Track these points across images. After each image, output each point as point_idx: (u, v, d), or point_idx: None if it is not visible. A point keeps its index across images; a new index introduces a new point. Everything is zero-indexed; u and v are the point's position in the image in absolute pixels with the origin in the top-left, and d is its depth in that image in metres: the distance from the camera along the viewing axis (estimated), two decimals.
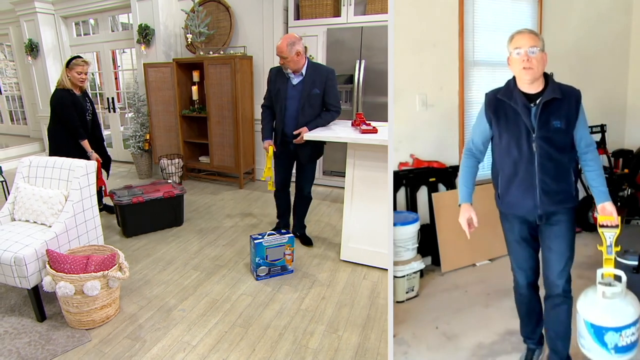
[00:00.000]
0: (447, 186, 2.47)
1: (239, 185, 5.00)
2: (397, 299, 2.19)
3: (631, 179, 2.24)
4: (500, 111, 1.53)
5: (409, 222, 2.19)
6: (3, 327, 2.26)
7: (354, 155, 2.84)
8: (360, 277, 2.82)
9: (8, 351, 2.06)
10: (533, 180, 1.49)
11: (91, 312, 2.22)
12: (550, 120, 1.46)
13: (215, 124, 4.96)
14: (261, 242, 2.72)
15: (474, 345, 1.87)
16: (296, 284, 2.75)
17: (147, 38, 5.22)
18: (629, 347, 1.50)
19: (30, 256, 2.17)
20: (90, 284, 2.11)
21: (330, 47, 4.56)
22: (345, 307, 2.48)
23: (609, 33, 2.36)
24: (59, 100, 3.44)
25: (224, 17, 5.03)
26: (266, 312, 2.43)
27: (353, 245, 2.96)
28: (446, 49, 2.34)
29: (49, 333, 2.21)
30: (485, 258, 2.51)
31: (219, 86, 4.77)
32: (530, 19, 2.36)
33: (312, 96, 2.96)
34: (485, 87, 2.41)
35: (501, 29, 2.40)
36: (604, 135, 2.25)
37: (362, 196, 2.85)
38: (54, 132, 3.54)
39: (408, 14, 2.21)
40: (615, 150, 2.33)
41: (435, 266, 2.45)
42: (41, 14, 6.07)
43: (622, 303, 1.47)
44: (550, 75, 1.52)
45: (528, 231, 1.58)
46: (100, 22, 6.16)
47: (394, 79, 2.18)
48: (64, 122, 3.45)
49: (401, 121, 2.30)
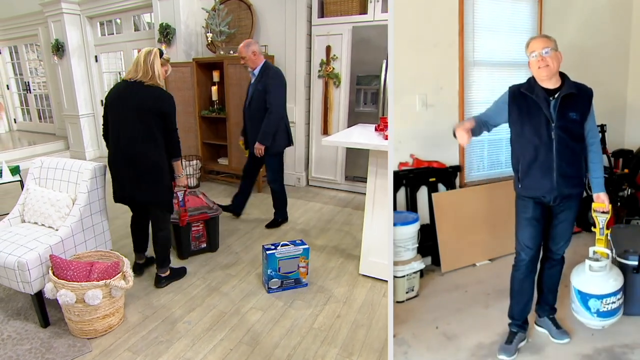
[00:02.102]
0: (447, 186, 2.48)
1: (257, 188, 4.78)
2: (397, 299, 2.21)
3: (631, 179, 2.23)
4: (523, 103, 1.72)
5: (409, 222, 2.20)
6: (7, 332, 2.22)
7: (376, 163, 2.57)
8: (379, 295, 2.56)
9: (8, 357, 2.02)
10: (551, 164, 1.69)
11: (93, 321, 2.14)
12: (568, 111, 1.67)
13: (235, 125, 4.71)
14: (274, 253, 2.53)
15: (474, 346, 1.88)
16: (310, 299, 2.55)
17: (167, 37, 5.14)
18: (610, 313, 1.81)
19: (34, 261, 2.12)
20: (91, 292, 2.04)
21: (356, 46, 4.31)
22: (362, 327, 2.26)
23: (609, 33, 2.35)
24: (174, 103, 2.47)
25: (245, 16, 4.86)
26: (275, 329, 2.27)
27: (373, 259, 2.70)
28: (446, 49, 2.34)
29: (50, 341, 2.15)
30: (485, 258, 2.51)
31: (239, 86, 4.57)
32: (530, 19, 2.36)
33: (257, 92, 3.27)
34: (485, 87, 2.43)
35: (501, 29, 2.40)
36: (604, 135, 2.24)
37: (384, 206, 2.57)
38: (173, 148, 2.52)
39: (408, 14, 2.21)
40: (615, 150, 2.32)
41: (435, 266, 2.46)
42: (67, 14, 6.15)
43: (605, 276, 1.80)
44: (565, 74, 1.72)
45: (541, 212, 1.77)
46: (124, 22, 6.12)
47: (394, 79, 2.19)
48: (175, 131, 2.48)
49: (401, 121, 2.31)
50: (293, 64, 4.63)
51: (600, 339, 1.85)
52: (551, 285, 1.90)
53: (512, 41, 2.37)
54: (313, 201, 4.39)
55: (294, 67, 4.64)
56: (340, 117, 4.55)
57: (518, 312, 1.86)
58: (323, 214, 4.04)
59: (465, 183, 2.52)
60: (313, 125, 4.77)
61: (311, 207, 4.25)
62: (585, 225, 2.24)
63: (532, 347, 1.85)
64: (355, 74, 4.36)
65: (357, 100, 4.43)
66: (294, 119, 4.78)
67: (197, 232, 3.03)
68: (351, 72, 4.38)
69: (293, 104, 4.72)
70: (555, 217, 1.78)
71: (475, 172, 2.55)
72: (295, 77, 4.66)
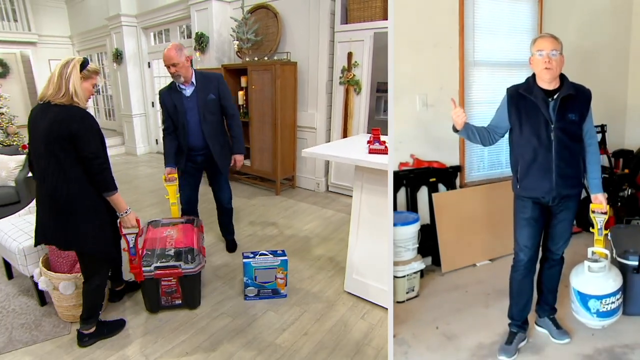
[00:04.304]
0: (448, 186, 2.47)
1: (276, 191, 4.89)
2: (397, 299, 2.20)
3: (631, 179, 2.24)
4: (522, 105, 1.72)
5: (409, 222, 2.20)
6: (12, 305, 2.54)
7: (362, 177, 2.39)
8: (358, 316, 2.39)
9: (5, 329, 2.31)
10: (550, 165, 1.69)
11: (70, 308, 2.27)
12: (567, 113, 1.68)
13: (257, 130, 4.87)
14: (250, 262, 2.47)
15: (474, 346, 1.88)
16: (284, 311, 2.45)
17: (201, 45, 5.43)
18: (610, 313, 1.83)
19: (30, 248, 2.37)
20: (63, 284, 2.18)
21: (377, 53, 4.23)
22: (324, 350, 2.12)
23: (609, 33, 2.36)
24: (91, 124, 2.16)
25: (272, 24, 4.94)
26: (237, 338, 2.22)
27: (357, 277, 2.56)
28: (446, 49, 2.34)
29: (42, 319, 2.39)
30: (486, 258, 2.51)
31: (261, 92, 4.68)
32: (530, 20, 2.36)
33: (209, 103, 2.81)
34: (485, 87, 2.43)
35: (501, 30, 2.41)
36: (604, 135, 2.24)
37: (369, 225, 2.41)
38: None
39: (409, 14, 2.21)
40: (615, 151, 2.33)
41: (436, 266, 2.46)
42: (126, 26, 7.06)
43: (605, 277, 1.81)
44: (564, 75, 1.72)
45: (539, 212, 1.78)
46: (171, 31, 6.77)
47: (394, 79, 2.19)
48: (94, 159, 2.20)
49: (401, 121, 2.31)
50: (315, 71, 4.64)
51: (600, 339, 1.85)
52: (551, 285, 1.91)
53: (512, 41, 2.38)
54: (327, 208, 4.38)
55: (317, 73, 4.66)
56: (360, 124, 4.50)
57: (517, 312, 1.86)
58: (332, 222, 3.96)
59: (465, 183, 2.52)
60: (334, 132, 4.75)
61: (322, 214, 4.19)
62: (586, 225, 2.25)
63: (532, 347, 1.85)
64: (376, 81, 4.30)
65: (377, 108, 4.35)
66: (315, 125, 4.81)
67: (169, 287, 2.37)
68: (372, 78, 4.32)
69: (314, 110, 4.77)
70: (554, 217, 1.79)
71: (476, 172, 2.55)
72: (318, 83, 4.68)
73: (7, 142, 5.25)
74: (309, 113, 4.85)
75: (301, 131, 4.95)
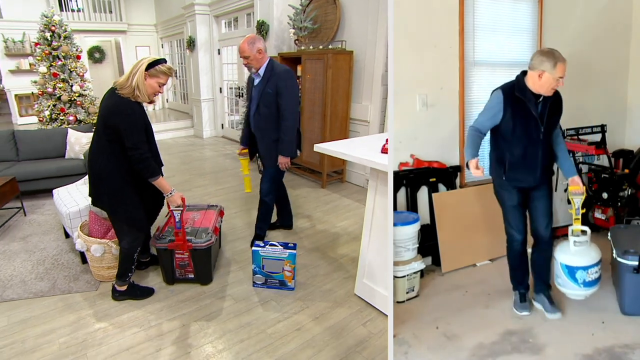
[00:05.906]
0: (448, 186, 2.47)
1: (322, 184, 4.74)
2: (397, 299, 2.20)
3: (631, 179, 2.24)
4: (516, 105, 1.87)
5: (409, 222, 2.19)
6: (62, 260, 3.03)
7: (377, 178, 2.32)
8: (358, 322, 2.34)
9: (52, 277, 2.79)
10: (537, 160, 1.91)
11: (100, 269, 2.69)
12: (552, 115, 1.89)
13: (307, 120, 4.72)
14: (258, 250, 2.56)
15: (474, 346, 1.87)
16: (285, 304, 2.49)
17: (262, 33, 5.53)
18: (594, 282, 2.00)
19: (75, 213, 2.86)
20: (94, 247, 2.57)
21: None
22: (312, 349, 2.11)
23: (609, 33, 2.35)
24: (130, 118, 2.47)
25: (331, 11, 4.74)
26: (233, 321, 2.32)
27: (367, 282, 2.50)
28: (447, 49, 2.34)
29: (80, 274, 2.82)
30: (486, 258, 2.51)
31: (314, 82, 4.55)
32: (530, 20, 2.36)
33: (264, 96, 2.84)
34: (485, 87, 2.42)
35: (501, 29, 2.40)
36: (604, 135, 2.24)
37: (382, 229, 2.33)
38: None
39: (409, 14, 2.21)
40: (615, 151, 2.33)
41: (436, 266, 2.45)
42: (199, 14, 7.42)
43: (588, 249, 1.98)
44: None
45: (523, 198, 2.00)
46: (239, 19, 6.99)
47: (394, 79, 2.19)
48: (132, 149, 2.51)
49: (401, 121, 2.31)
50: (372, 61, 4.41)
51: (600, 338, 1.85)
52: (544, 267, 2.08)
53: (512, 41, 2.37)
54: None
55: (373, 64, 4.42)
56: None
57: (521, 277, 2.08)
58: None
59: (465, 183, 2.52)
60: (388, 125, 4.67)
61: (362, 212, 3.97)
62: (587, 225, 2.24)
63: (532, 347, 1.85)
64: None
65: None
66: (368, 118, 4.58)
67: (182, 260, 2.61)
68: None
69: (369, 102, 4.54)
70: (535, 199, 2.00)
71: None
72: (373, 74, 4.43)
73: (88, 121, 5.72)
74: (363, 105, 4.62)
75: (353, 124, 4.76)
